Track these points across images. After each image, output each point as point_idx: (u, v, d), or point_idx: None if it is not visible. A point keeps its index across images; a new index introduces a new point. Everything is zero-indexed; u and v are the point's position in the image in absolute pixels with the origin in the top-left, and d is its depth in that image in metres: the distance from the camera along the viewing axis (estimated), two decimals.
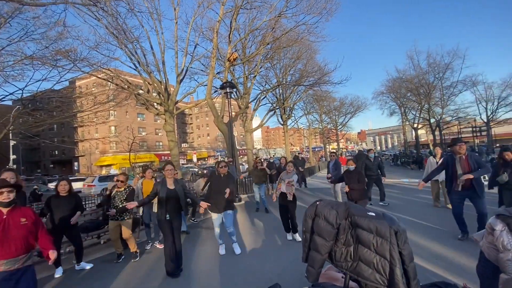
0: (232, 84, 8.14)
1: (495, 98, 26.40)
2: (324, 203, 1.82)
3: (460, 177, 3.91)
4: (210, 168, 26.67)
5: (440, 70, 23.45)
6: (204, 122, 64.89)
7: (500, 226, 1.63)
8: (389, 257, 1.49)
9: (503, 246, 1.59)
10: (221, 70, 15.46)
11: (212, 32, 12.61)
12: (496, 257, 1.65)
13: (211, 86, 11.69)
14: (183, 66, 11.62)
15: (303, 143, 60.67)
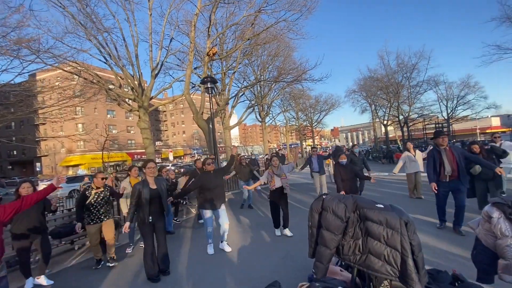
0: (213, 79, 7.90)
1: (455, 97, 28.74)
2: (331, 197, 1.77)
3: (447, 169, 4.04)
4: (187, 166, 25.94)
5: (407, 70, 24.93)
6: (179, 119, 63.03)
7: (497, 214, 1.70)
8: (400, 248, 1.48)
9: (501, 233, 1.66)
10: (198, 66, 15.05)
11: (189, 26, 12.19)
12: (494, 244, 1.72)
13: (189, 82, 11.31)
14: (158, 60, 11.09)
15: (280, 140, 61.48)
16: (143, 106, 10.49)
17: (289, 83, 16.20)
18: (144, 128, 10.54)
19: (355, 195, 1.78)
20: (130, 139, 44.48)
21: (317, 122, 37.15)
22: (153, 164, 3.62)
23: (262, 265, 3.59)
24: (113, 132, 37.27)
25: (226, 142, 18.10)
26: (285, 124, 33.25)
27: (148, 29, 10.59)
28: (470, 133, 45.02)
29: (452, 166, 4.05)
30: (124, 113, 42.34)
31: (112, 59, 10.09)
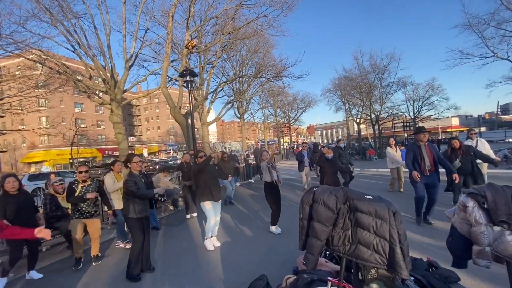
0: (192, 72, 7.65)
1: (420, 98, 30.78)
2: (321, 189, 1.79)
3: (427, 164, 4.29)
4: (163, 162, 25.14)
5: (379, 71, 26.18)
6: (154, 114, 60.70)
7: (472, 203, 1.83)
8: (388, 237, 1.53)
9: (475, 221, 1.79)
10: (175, 59, 14.55)
11: (166, 17, 11.71)
12: (468, 231, 1.85)
13: (166, 74, 10.87)
14: (133, 52, 10.52)
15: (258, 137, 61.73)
16: (116, 99, 9.92)
17: (269, 79, 16.24)
18: (116, 123, 9.97)
19: (345, 187, 1.81)
20: (101, 134, 42.01)
21: (295, 120, 37.87)
22: (138, 158, 3.48)
23: (248, 260, 3.58)
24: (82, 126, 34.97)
25: (203, 138, 17.76)
26: (264, 121, 33.43)
27: (121, 18, 9.99)
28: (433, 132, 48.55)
29: (430, 161, 4.32)
30: (94, 107, 39.87)
31: (81, 48, 9.39)
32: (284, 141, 48.94)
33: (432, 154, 4.30)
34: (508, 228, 1.77)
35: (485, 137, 17.38)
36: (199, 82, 15.41)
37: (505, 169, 10.23)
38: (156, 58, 15.14)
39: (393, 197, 6.69)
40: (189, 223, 5.79)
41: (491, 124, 52.56)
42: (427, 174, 4.33)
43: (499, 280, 2.54)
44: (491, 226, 1.79)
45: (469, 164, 5.06)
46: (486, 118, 58.94)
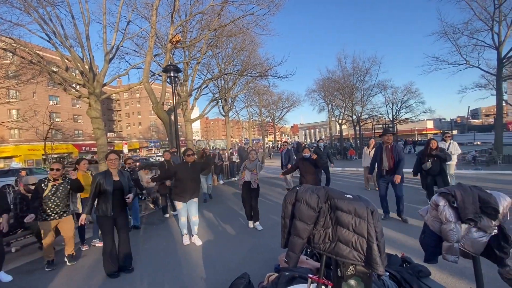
0: (176, 68, 7.48)
1: (399, 101, 32.09)
2: (304, 188, 1.83)
3: (384, 164, 4.61)
4: (144, 160, 24.47)
5: (361, 74, 26.98)
6: (135, 110, 58.80)
7: (443, 202, 1.94)
8: (366, 235, 1.59)
9: (445, 219, 1.90)
10: (159, 53, 14.18)
11: (150, 10, 11.38)
12: (439, 228, 1.97)
13: (149, 69, 10.56)
14: (113, 44, 10.13)
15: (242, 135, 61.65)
16: (95, 93, 9.52)
17: (254, 77, 16.24)
18: (95, 118, 9.58)
19: (326, 186, 1.86)
20: (77, 129, 40.11)
21: (279, 119, 38.18)
22: (115, 156, 3.37)
23: (230, 258, 3.58)
24: (56, 120, 33.12)
25: (187, 136, 17.51)
26: (248, 119, 33.44)
27: (102, 8, 9.58)
28: (410, 133, 50.84)
29: (388, 162, 4.61)
30: (71, 100, 37.99)
31: (57, 38, 8.91)
32: (269, 139, 49.21)
33: (392, 155, 4.59)
34: (474, 226, 1.90)
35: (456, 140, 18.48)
36: (183, 78, 15.12)
37: (473, 169, 10.91)
38: (139, 52, 14.68)
39: (371, 195, 6.94)
40: (170, 222, 5.69)
41: (462, 127, 55.95)
42: (385, 174, 4.66)
43: (465, 274, 2.73)
44: (459, 224, 1.92)
45: (438, 165, 5.40)
46: (458, 121, 62.50)
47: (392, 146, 4.73)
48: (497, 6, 14.70)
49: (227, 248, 3.95)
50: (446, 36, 16.75)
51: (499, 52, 15.22)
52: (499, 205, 1.85)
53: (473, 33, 16.08)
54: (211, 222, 5.44)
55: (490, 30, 15.37)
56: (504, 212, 1.88)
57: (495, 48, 15.34)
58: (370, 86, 27.87)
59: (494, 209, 1.84)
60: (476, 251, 1.93)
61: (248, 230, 4.73)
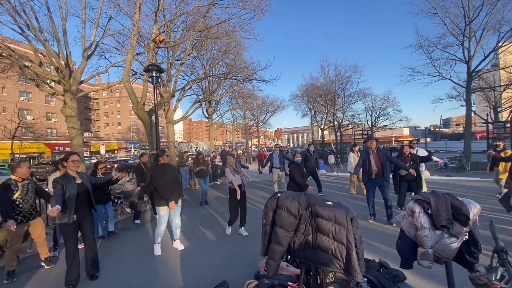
0: (159, 68, 7.28)
1: (378, 109, 33.36)
2: (285, 195, 1.81)
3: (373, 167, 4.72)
4: (122, 162, 23.56)
5: (343, 81, 27.85)
6: (114, 109, 56.67)
7: (418, 209, 2.00)
8: (346, 242, 1.60)
9: (420, 225, 1.96)
10: (141, 52, 13.81)
11: (133, 7, 11.06)
12: (415, 234, 2.02)
13: (130, 67, 10.23)
14: (93, 40, 9.73)
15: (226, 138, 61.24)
16: (71, 90, 9.05)
17: (239, 81, 16.22)
18: (70, 116, 9.08)
19: (307, 193, 1.86)
20: (51, 127, 37.94)
21: (263, 123, 38.40)
22: (76, 157, 3.17)
23: (209, 265, 3.48)
24: (27, 118, 31.11)
25: (169, 137, 17.06)
26: (232, 122, 33.31)
27: (81, 3, 9.20)
28: (387, 140, 52.99)
29: (377, 166, 4.78)
30: (44, 97, 35.91)
31: (31, 31, 8.41)
32: (252, 143, 49.23)
33: (379, 159, 4.74)
34: (447, 232, 1.97)
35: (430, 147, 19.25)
36: (166, 79, 14.79)
37: (444, 175, 11.50)
38: (120, 50, 14.22)
39: (355, 200, 7.10)
40: (147, 227, 5.48)
41: (435, 135, 59.24)
42: (373, 177, 4.82)
43: (438, 278, 2.83)
44: (433, 230, 1.98)
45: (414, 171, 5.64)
46: (431, 130, 66.04)
47: (377, 150, 4.90)
48: (467, 23, 15.76)
49: (206, 255, 3.85)
50: (421, 48, 17.71)
51: (468, 66, 16.29)
52: (469, 212, 1.93)
53: (446, 47, 17.14)
54: (191, 227, 5.29)
55: (461, 45, 16.44)
56: (474, 219, 1.97)
57: (465, 62, 16.42)
58: (351, 93, 28.85)
59: (465, 215, 1.92)
60: (449, 256, 1.99)
61: (228, 235, 4.64)
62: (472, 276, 1.65)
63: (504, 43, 15.79)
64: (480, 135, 37.23)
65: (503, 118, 25.65)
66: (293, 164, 5.18)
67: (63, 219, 2.94)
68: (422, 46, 17.56)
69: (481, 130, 32.25)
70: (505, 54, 17.30)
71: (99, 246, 4.28)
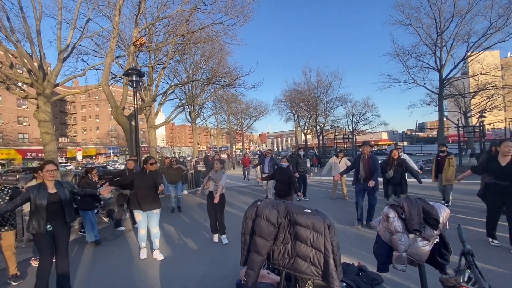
0: (139, 72, 7.12)
1: (358, 114, 34.48)
2: (264, 203, 1.82)
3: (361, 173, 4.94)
4: (101, 168, 22.64)
5: (324, 87, 28.57)
6: (92, 113, 54.52)
7: (393, 214, 2.08)
8: (323, 249, 1.62)
9: (395, 230, 2.03)
10: (121, 55, 13.45)
11: (113, 9, 10.79)
12: (390, 239, 2.09)
13: (109, 71, 9.91)
14: (69, 42, 9.38)
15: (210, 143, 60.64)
16: (44, 93, 8.63)
17: (223, 86, 16.18)
18: (43, 121, 8.64)
19: (286, 201, 1.87)
20: (22, 132, 35.82)
21: (247, 127, 38.45)
22: (52, 167, 3.04)
23: (189, 275, 3.40)
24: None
25: (150, 142, 16.62)
26: (216, 127, 33.09)
27: (57, 3, 8.85)
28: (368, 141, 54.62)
29: (365, 172, 4.91)
30: (16, 100, 33.93)
31: (1, 31, 7.97)
32: (237, 147, 49.06)
33: (369, 165, 4.87)
34: (419, 235, 2.05)
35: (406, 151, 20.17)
36: (148, 82, 14.47)
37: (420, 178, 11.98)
38: (99, 52, 13.75)
39: (335, 204, 7.25)
40: (125, 237, 5.27)
41: (411, 139, 62.02)
42: (362, 182, 4.94)
43: (413, 279, 2.93)
44: (407, 234, 2.06)
45: (399, 175, 5.85)
46: (408, 134, 69.06)
47: (369, 156, 5.03)
48: (439, 34, 16.75)
49: (187, 264, 3.76)
50: (397, 57, 18.57)
51: (440, 74, 17.26)
52: (439, 216, 2.03)
53: (419, 56, 18.08)
54: (172, 236, 5.15)
55: (433, 54, 17.42)
56: (444, 222, 2.07)
57: (437, 70, 17.38)
58: (333, 99, 29.64)
59: (435, 219, 2.01)
60: (421, 259, 2.08)
61: (210, 243, 4.56)
62: (441, 278, 1.72)
63: (472, 52, 16.90)
64: (452, 139, 39.39)
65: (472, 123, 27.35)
66: (279, 169, 5.19)
67: (34, 228, 2.83)
68: (398, 55, 18.43)
69: (453, 134, 34.15)
70: (474, 63, 18.53)
71: (73, 258, 4.07)
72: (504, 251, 3.67)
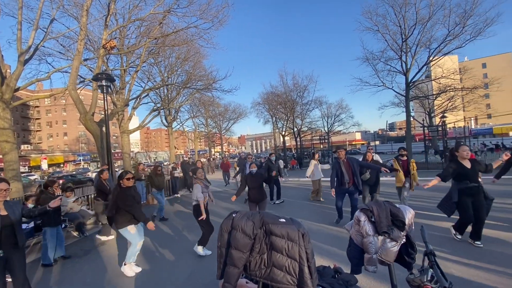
0: (109, 76, 6.79)
1: (333, 115, 35.68)
2: (240, 215, 1.82)
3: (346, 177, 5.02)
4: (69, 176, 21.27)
5: (301, 90, 29.27)
6: (59, 118, 51.13)
7: (364, 218, 2.18)
8: (298, 258, 1.66)
9: (366, 233, 2.13)
10: (90, 57, 12.78)
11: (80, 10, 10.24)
12: (361, 242, 2.19)
13: (76, 75, 9.37)
14: (31, 43, 8.79)
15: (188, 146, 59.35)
16: (3, 99, 7.99)
17: (198, 90, 15.96)
18: (2, 129, 7.98)
19: (262, 211, 1.89)
20: None
21: (226, 130, 38.24)
22: (4, 185, 2.78)
23: (168, 286, 3.29)
24: None
25: (123, 148, 15.94)
26: (194, 130, 32.51)
27: (17, 2, 8.24)
28: (342, 144, 56.82)
29: (349, 176, 5.03)
30: None
31: None
32: (216, 150, 48.52)
33: (350, 167, 5.03)
34: (388, 237, 2.17)
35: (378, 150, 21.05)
36: (120, 86, 13.89)
37: (391, 176, 12.65)
38: (65, 54, 12.96)
39: (313, 205, 7.42)
40: (99, 251, 4.99)
41: (383, 138, 65.38)
42: (346, 187, 5.07)
43: (386, 278, 3.07)
44: (377, 236, 2.17)
45: (375, 176, 6.13)
46: (379, 133, 72.74)
47: (347, 159, 5.17)
48: (404, 40, 17.88)
49: (164, 277, 3.65)
50: (367, 61, 19.51)
51: (406, 78, 18.41)
52: (405, 218, 2.17)
53: (387, 60, 19.14)
54: (149, 246, 4.96)
55: (399, 59, 18.52)
56: (409, 223, 2.21)
57: (404, 74, 18.52)
58: (308, 101, 30.46)
59: (401, 221, 2.14)
60: (390, 259, 2.20)
61: (189, 253, 4.44)
62: (408, 278, 1.83)
63: (434, 57, 18.23)
64: (419, 138, 42.03)
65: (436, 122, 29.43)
66: (249, 175, 5.20)
67: None
68: (368, 59, 19.38)
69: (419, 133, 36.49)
70: (435, 67, 19.96)
71: (39, 279, 3.79)
72: (467, 244, 3.97)
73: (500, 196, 6.19)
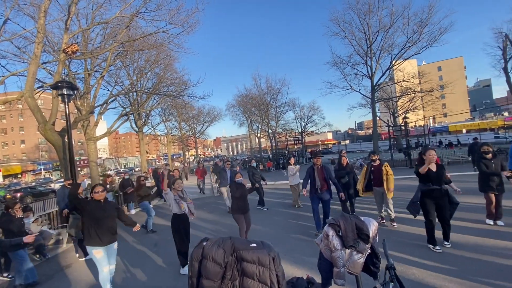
0: (71, 85, 6.31)
1: (305, 116, 36.66)
2: (210, 243, 1.81)
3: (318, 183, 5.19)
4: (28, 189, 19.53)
5: (274, 93, 29.82)
6: (15, 125, 46.66)
7: (332, 232, 2.28)
8: (269, 282, 1.69)
9: (334, 247, 2.23)
10: (50, 60, 11.85)
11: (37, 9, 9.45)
12: (330, 256, 2.29)
13: (34, 80, 8.62)
14: None
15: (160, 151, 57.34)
16: None
17: (169, 96, 15.50)
18: None
19: (233, 237, 1.90)
20: None
21: (200, 133, 37.58)
22: None
23: None
24: None
25: (90, 156, 14.97)
26: (166, 134, 31.51)
27: None
28: (315, 144, 58.66)
29: (321, 182, 5.20)
30: None
31: None
32: (190, 154, 47.49)
33: (323, 175, 5.20)
34: (355, 250, 2.30)
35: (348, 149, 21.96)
36: (84, 90, 13.03)
37: None
38: (21, 56, 11.85)
39: (294, 211, 7.56)
40: (64, 274, 4.63)
41: (352, 137, 68.54)
42: (319, 192, 5.22)
43: None
44: (344, 250, 2.29)
45: (352, 179, 6.40)
46: (349, 133, 76.18)
47: (321, 166, 5.31)
48: (368, 46, 18.96)
49: None
50: (336, 65, 20.40)
51: (372, 81, 19.53)
52: (369, 231, 2.30)
53: (354, 65, 20.18)
54: (118, 265, 4.72)
55: (365, 64, 19.60)
56: (373, 235, 2.36)
57: (369, 78, 19.63)
58: (282, 104, 31.15)
59: (366, 235, 2.27)
60: (357, 270, 2.33)
61: (164, 270, 4.31)
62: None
63: (395, 62, 19.55)
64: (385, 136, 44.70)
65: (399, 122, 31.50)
66: (234, 184, 5.05)
67: None
68: (336, 63, 20.29)
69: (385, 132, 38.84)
70: (397, 71, 21.42)
71: None
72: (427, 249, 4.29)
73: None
